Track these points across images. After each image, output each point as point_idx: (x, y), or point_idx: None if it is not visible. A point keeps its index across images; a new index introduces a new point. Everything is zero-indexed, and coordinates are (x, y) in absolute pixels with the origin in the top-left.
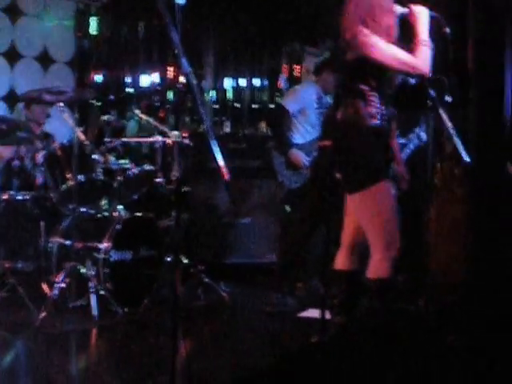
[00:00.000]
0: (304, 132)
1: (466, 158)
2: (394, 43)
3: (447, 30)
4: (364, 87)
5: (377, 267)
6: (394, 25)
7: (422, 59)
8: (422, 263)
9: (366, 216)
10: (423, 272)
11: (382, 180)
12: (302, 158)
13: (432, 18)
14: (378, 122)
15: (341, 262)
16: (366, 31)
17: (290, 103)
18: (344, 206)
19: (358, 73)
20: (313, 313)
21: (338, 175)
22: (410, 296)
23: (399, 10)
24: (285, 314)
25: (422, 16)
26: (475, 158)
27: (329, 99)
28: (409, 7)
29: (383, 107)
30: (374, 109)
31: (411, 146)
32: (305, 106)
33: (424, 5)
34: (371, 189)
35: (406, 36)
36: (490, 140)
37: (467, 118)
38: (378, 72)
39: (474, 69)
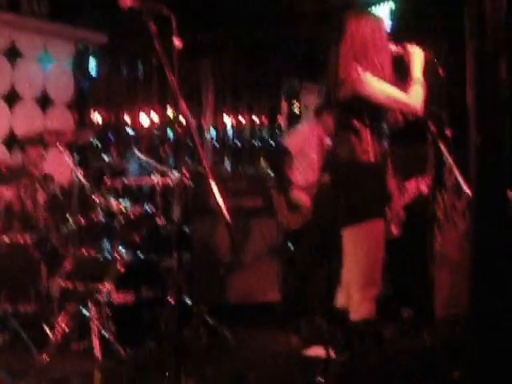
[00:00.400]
0: (304, 172)
1: (467, 191)
2: (388, 80)
3: (441, 71)
4: (358, 124)
5: (358, 308)
6: (389, 62)
7: (414, 97)
8: (427, 298)
9: (351, 251)
10: (428, 306)
11: (373, 217)
12: (303, 198)
13: (427, 59)
14: (373, 158)
15: (341, 300)
16: (359, 69)
17: (292, 143)
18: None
19: (352, 110)
20: (317, 351)
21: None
22: (414, 331)
23: (394, 48)
24: (289, 353)
25: (417, 56)
26: (476, 190)
27: (329, 140)
28: (404, 46)
29: (378, 144)
30: (369, 145)
31: (409, 194)
32: (306, 146)
33: (423, 42)
34: (362, 225)
35: (401, 73)
36: (490, 172)
37: (468, 150)
38: (372, 109)
39: (473, 101)
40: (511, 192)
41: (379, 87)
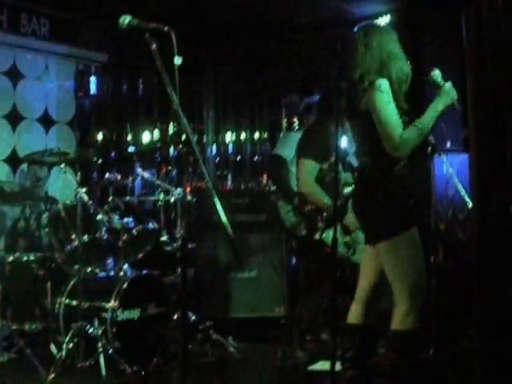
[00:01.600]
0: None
1: (469, 203)
2: (404, 92)
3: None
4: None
5: (403, 319)
6: (406, 71)
7: (406, 142)
8: (430, 311)
9: (392, 266)
10: (432, 320)
11: (409, 228)
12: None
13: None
14: (401, 167)
15: (354, 315)
16: (379, 82)
17: (284, 149)
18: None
19: (370, 121)
20: (323, 366)
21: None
22: (419, 344)
23: (438, 74)
24: (295, 367)
25: (446, 96)
26: (478, 202)
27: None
28: (444, 85)
29: None
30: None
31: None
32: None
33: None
34: (399, 237)
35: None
36: (492, 184)
37: (469, 161)
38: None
39: (474, 113)
40: None
41: (385, 106)
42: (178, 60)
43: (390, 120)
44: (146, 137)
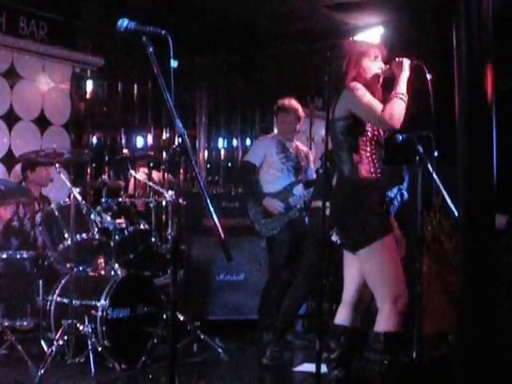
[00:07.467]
0: (273, 179)
1: (455, 212)
2: (379, 89)
3: (429, 76)
4: (358, 142)
5: (385, 321)
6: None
7: (389, 112)
8: (414, 315)
9: (372, 272)
10: (415, 324)
11: (385, 235)
12: (276, 204)
13: (413, 66)
14: (376, 176)
15: (342, 317)
16: (354, 83)
17: (253, 156)
18: (343, 264)
19: (350, 128)
20: (309, 367)
21: (334, 235)
22: (403, 348)
23: (384, 67)
24: (281, 367)
25: (404, 66)
26: (463, 211)
27: (288, 145)
28: (391, 61)
29: (378, 161)
30: (371, 163)
31: (395, 203)
32: (266, 154)
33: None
34: (375, 244)
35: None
36: (478, 194)
37: (455, 172)
38: (364, 127)
39: (460, 121)
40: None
41: (363, 93)
42: (174, 63)
43: (370, 104)
44: (140, 140)
